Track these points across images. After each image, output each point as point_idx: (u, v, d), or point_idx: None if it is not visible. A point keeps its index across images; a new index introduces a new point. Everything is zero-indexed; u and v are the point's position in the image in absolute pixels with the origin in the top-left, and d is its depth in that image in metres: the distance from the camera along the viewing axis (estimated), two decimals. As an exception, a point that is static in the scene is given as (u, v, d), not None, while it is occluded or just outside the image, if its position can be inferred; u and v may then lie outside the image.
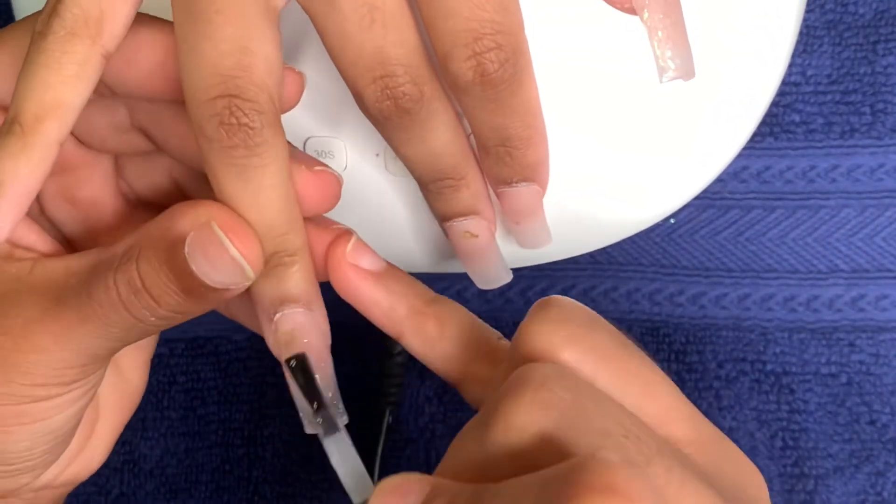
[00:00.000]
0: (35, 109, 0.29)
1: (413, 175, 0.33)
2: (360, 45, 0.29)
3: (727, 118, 0.36)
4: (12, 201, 0.29)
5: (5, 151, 0.29)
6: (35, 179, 0.29)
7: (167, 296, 0.29)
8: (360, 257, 0.31)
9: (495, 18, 0.29)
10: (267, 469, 0.45)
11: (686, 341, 0.43)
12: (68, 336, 0.30)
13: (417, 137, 0.31)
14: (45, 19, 0.29)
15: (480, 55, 0.29)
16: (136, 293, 0.29)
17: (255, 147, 0.28)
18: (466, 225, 0.34)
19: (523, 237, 0.35)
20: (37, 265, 0.31)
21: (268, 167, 0.29)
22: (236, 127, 0.28)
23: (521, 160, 0.32)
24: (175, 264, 0.28)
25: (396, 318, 0.31)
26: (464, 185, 0.33)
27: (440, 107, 0.31)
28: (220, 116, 0.28)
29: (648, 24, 0.29)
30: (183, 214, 0.29)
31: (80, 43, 0.29)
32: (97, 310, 0.29)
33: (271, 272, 0.30)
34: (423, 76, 0.30)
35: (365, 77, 0.29)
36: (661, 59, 0.29)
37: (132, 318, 0.29)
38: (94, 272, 0.30)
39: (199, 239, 0.28)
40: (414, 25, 0.29)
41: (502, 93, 0.30)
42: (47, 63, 0.29)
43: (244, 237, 0.29)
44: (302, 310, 0.30)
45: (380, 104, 0.30)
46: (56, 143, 0.29)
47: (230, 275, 0.29)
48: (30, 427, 0.31)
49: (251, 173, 0.29)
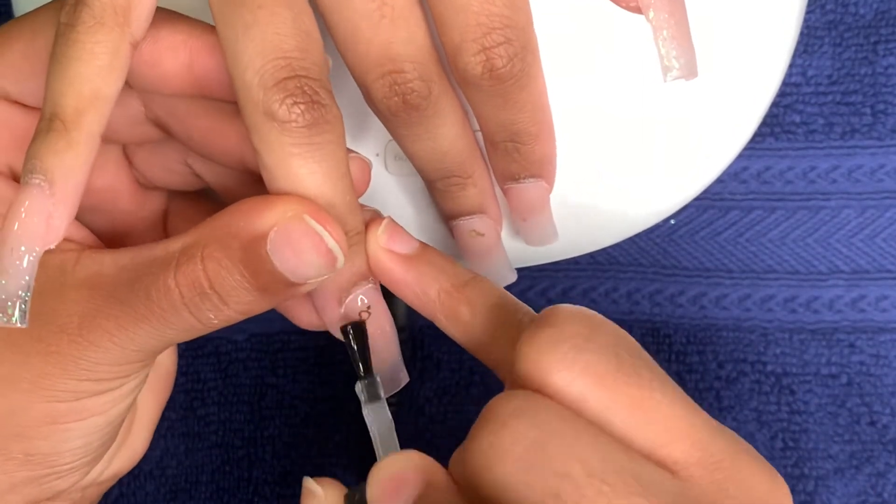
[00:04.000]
0: (74, 104, 0.28)
1: (420, 173, 0.34)
2: (368, 40, 0.29)
3: (727, 118, 0.36)
4: (65, 199, 0.28)
5: (50, 149, 0.28)
6: (83, 174, 0.28)
7: (238, 295, 0.28)
8: (392, 240, 0.31)
9: (504, 13, 0.29)
10: (267, 470, 0.45)
11: (686, 342, 0.43)
12: (125, 335, 0.29)
13: (425, 134, 0.31)
14: (70, 10, 0.28)
15: (489, 50, 0.29)
16: (200, 294, 0.28)
17: (327, 124, 0.28)
18: (473, 223, 0.34)
19: (530, 234, 0.35)
20: (82, 257, 0.30)
21: (339, 144, 0.28)
22: (310, 105, 0.27)
23: (529, 155, 0.32)
24: (253, 262, 0.28)
25: (429, 302, 0.31)
26: (471, 184, 0.33)
27: (448, 104, 0.31)
28: (294, 97, 0.27)
29: (654, 23, 0.29)
30: (260, 211, 0.28)
31: (111, 32, 0.28)
32: (156, 311, 0.28)
33: None
34: (432, 73, 0.30)
35: (373, 72, 0.29)
36: (666, 58, 0.29)
37: (193, 320, 0.29)
38: (149, 270, 0.29)
39: (286, 233, 0.28)
40: (423, 22, 0.30)
41: (511, 88, 0.30)
42: (79, 55, 0.28)
43: (333, 226, 0.28)
44: (372, 285, 0.31)
45: (388, 100, 0.30)
46: (98, 135, 0.29)
47: (320, 267, 0.28)
48: (86, 423, 0.30)
49: (325, 151, 0.28)
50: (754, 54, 0.36)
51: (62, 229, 0.28)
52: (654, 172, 0.37)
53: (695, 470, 0.25)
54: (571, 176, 0.36)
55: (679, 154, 0.36)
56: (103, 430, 0.31)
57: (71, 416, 0.30)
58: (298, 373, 0.45)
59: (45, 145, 0.28)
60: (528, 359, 0.26)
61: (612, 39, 0.35)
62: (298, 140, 0.28)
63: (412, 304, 0.31)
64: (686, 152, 0.36)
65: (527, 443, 0.24)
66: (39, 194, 0.28)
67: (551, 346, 0.26)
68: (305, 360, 0.45)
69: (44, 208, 0.28)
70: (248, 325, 0.45)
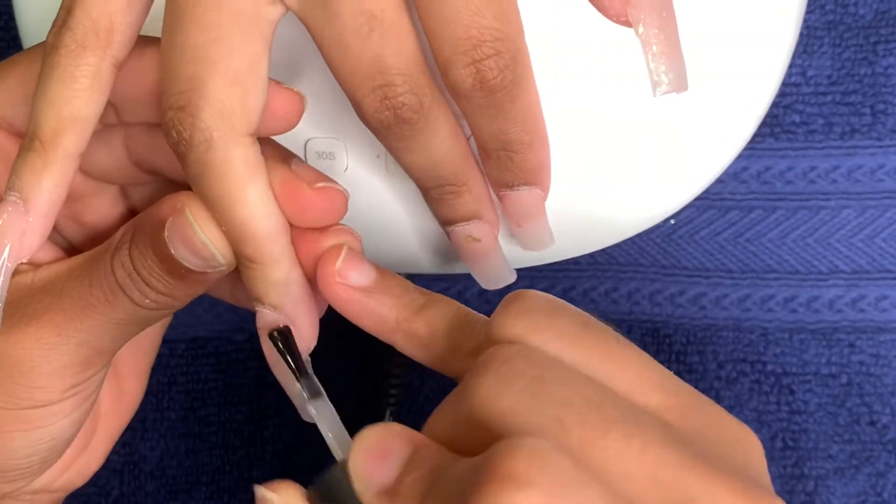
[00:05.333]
0: (53, 124, 0.29)
1: (414, 181, 0.33)
2: (358, 54, 0.29)
3: (727, 119, 0.36)
4: (40, 216, 0.30)
5: (28, 168, 0.30)
6: (59, 193, 0.30)
7: (155, 278, 0.30)
8: (350, 272, 0.31)
9: (494, 25, 0.29)
10: (267, 470, 0.45)
11: (686, 342, 0.43)
12: (70, 326, 0.30)
13: (417, 146, 0.31)
14: (56, 32, 0.29)
15: (480, 62, 0.29)
16: (130, 276, 0.30)
17: (194, 164, 0.29)
18: (469, 229, 0.34)
19: (525, 239, 0.35)
20: (39, 270, 0.32)
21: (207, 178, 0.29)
22: (184, 143, 0.29)
23: (522, 164, 0.32)
24: (159, 247, 0.30)
25: (387, 328, 0.31)
26: (465, 191, 0.33)
27: (440, 115, 0.31)
28: (178, 131, 0.29)
29: (643, 38, 0.29)
30: (166, 201, 0.30)
31: (92, 55, 0.29)
32: (98, 296, 0.30)
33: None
34: (423, 85, 0.30)
35: (364, 87, 0.29)
36: (655, 73, 0.29)
37: (130, 303, 0.30)
38: (95, 262, 0.31)
39: (175, 223, 0.29)
40: (413, 34, 0.29)
41: (502, 99, 0.30)
42: (61, 78, 0.29)
43: (205, 222, 0.30)
44: (277, 316, 0.31)
45: (379, 114, 0.30)
46: (76, 155, 0.30)
47: (204, 259, 0.30)
48: (30, 434, 0.31)
49: (203, 181, 0.29)
50: (754, 54, 0.36)
51: (35, 245, 0.30)
52: (654, 173, 0.37)
53: (670, 415, 0.26)
54: (572, 176, 0.36)
55: (679, 154, 0.36)
56: (47, 443, 0.32)
57: (11, 426, 0.31)
58: (298, 373, 0.45)
59: (25, 164, 0.30)
60: (503, 328, 0.27)
61: (614, 41, 0.35)
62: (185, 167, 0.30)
63: (371, 332, 0.31)
64: (686, 152, 0.36)
65: (528, 378, 0.25)
66: (14, 211, 0.30)
67: (523, 315, 0.27)
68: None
69: (18, 224, 0.30)
70: (249, 325, 0.45)
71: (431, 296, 0.31)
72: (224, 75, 0.28)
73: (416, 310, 0.31)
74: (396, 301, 0.31)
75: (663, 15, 0.29)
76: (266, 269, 0.30)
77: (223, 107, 0.28)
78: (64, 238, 0.35)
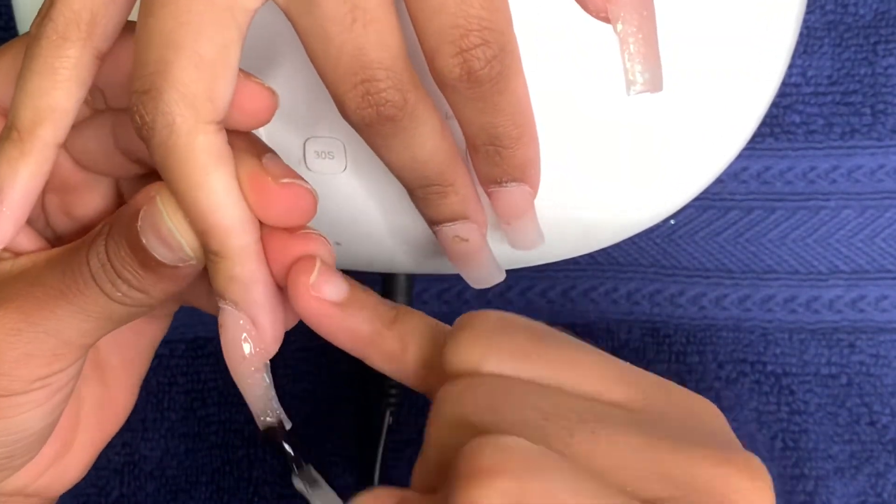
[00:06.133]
0: (31, 115, 0.29)
1: (399, 181, 0.33)
2: (339, 46, 0.28)
3: (727, 119, 0.36)
4: (14, 205, 0.30)
5: (4, 157, 0.30)
6: (35, 183, 0.30)
7: (128, 270, 0.30)
8: (323, 287, 0.30)
9: (482, 15, 0.28)
10: (267, 470, 0.45)
11: (686, 342, 0.43)
12: (38, 314, 0.30)
13: (401, 145, 0.30)
14: (38, 22, 0.29)
15: (467, 52, 0.28)
16: (103, 266, 0.30)
17: (157, 149, 0.28)
18: (456, 229, 0.33)
19: (514, 238, 0.35)
20: (19, 259, 0.32)
21: (169, 164, 0.29)
22: (146, 127, 0.28)
23: (511, 160, 0.32)
24: (132, 238, 0.29)
25: (361, 343, 0.30)
26: (451, 192, 0.32)
27: (424, 113, 0.30)
28: (140, 115, 0.28)
29: (621, 36, 0.29)
30: (142, 191, 0.30)
31: (72, 46, 0.29)
32: (71, 286, 0.30)
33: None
34: (407, 81, 0.29)
35: (345, 82, 0.28)
36: (631, 72, 0.29)
37: (102, 295, 0.30)
38: (73, 252, 0.31)
39: (147, 212, 0.29)
40: (398, 27, 0.29)
41: (489, 91, 0.29)
42: (41, 69, 0.29)
43: (172, 211, 0.29)
44: (239, 314, 0.30)
45: (361, 111, 0.29)
46: (53, 146, 0.30)
47: (172, 249, 0.29)
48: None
49: (166, 167, 0.29)
50: (754, 54, 0.36)
51: (8, 234, 0.30)
52: (654, 172, 0.37)
53: (635, 405, 0.26)
54: (571, 176, 0.36)
55: (679, 154, 0.36)
56: (14, 435, 0.31)
57: None
58: (298, 373, 0.45)
59: (1, 154, 0.30)
60: (456, 359, 0.27)
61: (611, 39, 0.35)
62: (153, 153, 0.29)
63: (343, 347, 0.31)
64: (686, 152, 0.36)
65: (481, 404, 0.25)
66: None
67: (474, 340, 0.27)
68: (306, 360, 0.45)
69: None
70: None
71: (401, 309, 0.31)
72: (189, 59, 0.28)
73: (388, 323, 0.30)
74: (370, 314, 0.30)
75: (643, 14, 0.29)
76: (229, 263, 0.30)
77: (187, 91, 0.28)
78: (53, 231, 0.34)
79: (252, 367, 0.30)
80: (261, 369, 0.31)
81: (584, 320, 0.43)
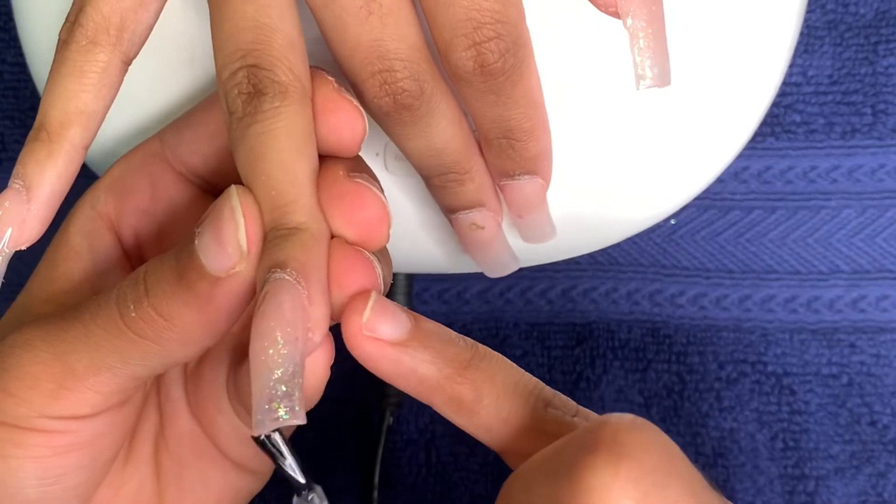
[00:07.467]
0: (59, 117, 0.30)
1: (416, 169, 0.33)
2: (356, 37, 0.29)
3: (728, 118, 0.36)
4: (41, 205, 0.30)
5: (32, 158, 0.30)
6: (61, 183, 0.30)
7: (161, 284, 0.27)
8: (380, 325, 0.27)
9: (495, 8, 0.29)
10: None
11: (687, 342, 0.43)
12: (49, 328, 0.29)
13: (419, 133, 0.31)
14: (68, 27, 0.30)
15: (480, 45, 0.29)
16: (133, 281, 0.28)
17: (263, 113, 0.28)
18: (472, 217, 0.34)
19: (527, 231, 0.35)
20: None
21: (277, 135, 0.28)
22: (251, 95, 0.28)
23: (524, 152, 0.32)
24: (182, 250, 0.28)
25: (427, 388, 0.28)
26: (468, 179, 0.33)
27: (441, 102, 0.31)
28: (239, 87, 0.28)
29: (630, 30, 0.29)
30: None
31: (102, 51, 0.30)
32: (90, 304, 0.29)
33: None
34: (423, 71, 0.30)
35: (363, 71, 0.29)
36: (640, 66, 0.29)
37: (115, 314, 0.28)
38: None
39: (217, 206, 0.28)
40: (414, 19, 0.29)
41: (503, 84, 0.30)
42: (70, 72, 0.30)
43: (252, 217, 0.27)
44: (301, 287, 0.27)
45: (379, 100, 0.30)
46: (81, 148, 0.30)
47: (225, 251, 0.27)
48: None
49: (257, 140, 0.28)
50: (754, 54, 0.36)
51: (35, 233, 0.30)
52: (654, 172, 0.36)
53: None
54: (572, 176, 0.36)
55: (679, 154, 0.36)
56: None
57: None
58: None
59: (29, 153, 0.30)
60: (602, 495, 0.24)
61: (615, 40, 0.35)
62: (240, 131, 0.28)
63: (406, 391, 0.28)
64: (686, 152, 0.36)
65: None
66: (16, 198, 0.30)
67: (633, 483, 0.24)
68: (305, 361, 0.45)
69: (19, 212, 0.30)
70: (248, 326, 0.45)
71: (478, 349, 0.28)
72: (284, 38, 0.28)
73: (461, 367, 0.28)
74: (436, 357, 0.28)
75: (652, 9, 0.29)
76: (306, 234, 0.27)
77: (292, 66, 0.28)
78: (133, 234, 0.34)
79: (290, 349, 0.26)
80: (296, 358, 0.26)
81: (584, 320, 0.43)
